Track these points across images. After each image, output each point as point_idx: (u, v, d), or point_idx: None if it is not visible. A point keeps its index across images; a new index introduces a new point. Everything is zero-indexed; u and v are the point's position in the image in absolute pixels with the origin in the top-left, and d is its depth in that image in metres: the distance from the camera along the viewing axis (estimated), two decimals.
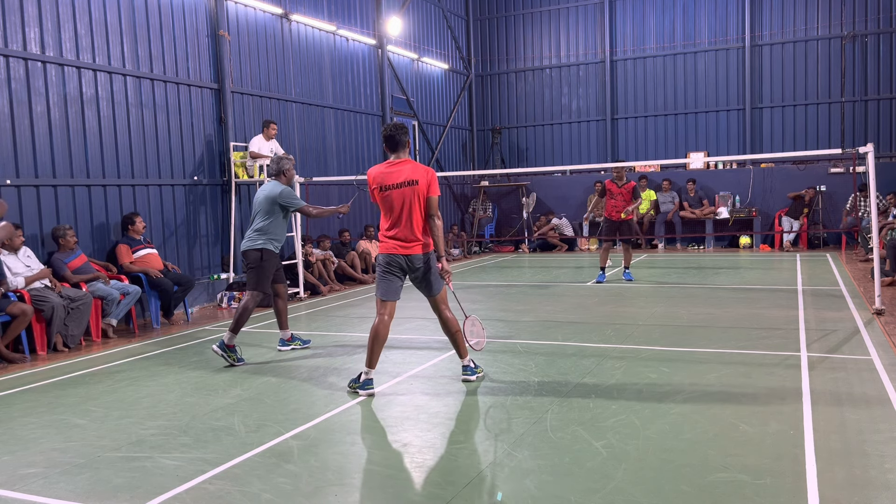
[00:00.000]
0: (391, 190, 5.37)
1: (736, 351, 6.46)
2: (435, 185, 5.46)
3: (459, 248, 16.87)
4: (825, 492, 3.46)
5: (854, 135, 16.44)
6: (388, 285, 5.48)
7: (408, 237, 5.39)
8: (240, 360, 6.68)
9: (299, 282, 11.02)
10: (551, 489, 3.61)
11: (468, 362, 5.77)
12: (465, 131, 19.77)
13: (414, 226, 5.37)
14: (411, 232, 5.38)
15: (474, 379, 5.72)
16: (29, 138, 8.33)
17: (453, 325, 5.65)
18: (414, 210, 5.36)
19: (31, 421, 5.13)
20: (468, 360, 5.77)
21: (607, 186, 11.42)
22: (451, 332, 5.68)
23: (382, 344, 5.48)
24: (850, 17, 16.37)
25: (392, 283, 5.48)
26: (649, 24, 18.15)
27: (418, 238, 5.41)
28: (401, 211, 5.36)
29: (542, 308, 9.23)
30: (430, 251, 5.51)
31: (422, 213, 5.40)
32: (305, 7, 13.01)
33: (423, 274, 5.49)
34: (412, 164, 5.46)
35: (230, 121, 11.07)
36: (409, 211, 5.35)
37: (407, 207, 5.35)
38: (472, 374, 5.74)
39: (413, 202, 5.35)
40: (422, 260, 5.44)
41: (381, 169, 5.46)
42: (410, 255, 5.40)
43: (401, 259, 5.41)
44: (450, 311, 5.66)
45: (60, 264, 8.10)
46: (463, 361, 5.77)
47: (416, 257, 5.42)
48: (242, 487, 3.78)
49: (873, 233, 8.57)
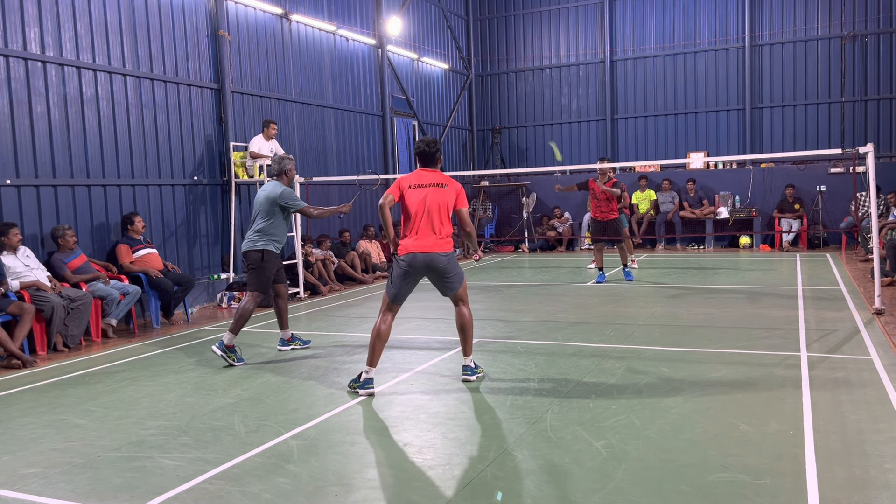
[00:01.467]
0: (417, 189, 5.52)
1: (736, 351, 6.46)
2: (463, 197, 5.65)
3: (459, 248, 16.86)
4: (825, 492, 3.46)
5: (854, 135, 16.44)
6: (401, 288, 5.53)
7: (430, 237, 5.47)
8: (239, 360, 6.68)
9: (299, 282, 11.02)
10: (551, 489, 3.61)
11: (469, 362, 5.78)
12: (465, 131, 19.77)
13: (436, 225, 5.48)
14: (433, 231, 5.47)
15: (474, 379, 5.73)
16: (29, 138, 8.33)
17: (468, 324, 5.70)
18: (440, 210, 5.49)
19: (31, 421, 5.13)
20: (470, 360, 5.79)
21: (590, 185, 11.36)
22: (463, 329, 5.71)
23: (384, 343, 5.51)
24: (850, 17, 16.37)
25: (406, 287, 5.54)
26: (649, 24, 18.15)
27: (440, 238, 5.50)
28: (425, 210, 5.47)
29: (542, 308, 9.23)
30: (451, 250, 5.58)
31: (446, 214, 5.55)
32: (305, 7, 13.01)
33: (446, 272, 5.53)
34: (442, 174, 5.70)
35: (230, 121, 11.07)
36: (434, 210, 5.48)
37: (432, 206, 5.47)
38: (472, 374, 5.75)
39: (439, 203, 5.50)
40: (444, 259, 5.49)
41: (411, 174, 5.69)
42: (432, 254, 5.45)
43: (421, 258, 5.45)
44: (468, 309, 5.74)
45: (60, 264, 8.10)
46: (465, 360, 5.78)
47: (438, 256, 5.47)
48: (242, 487, 3.78)
49: (873, 233, 8.57)
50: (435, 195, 5.51)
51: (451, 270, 5.55)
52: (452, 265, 5.57)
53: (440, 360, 6.52)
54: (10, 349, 6.90)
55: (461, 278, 5.67)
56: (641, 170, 17.40)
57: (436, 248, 5.46)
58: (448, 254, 5.54)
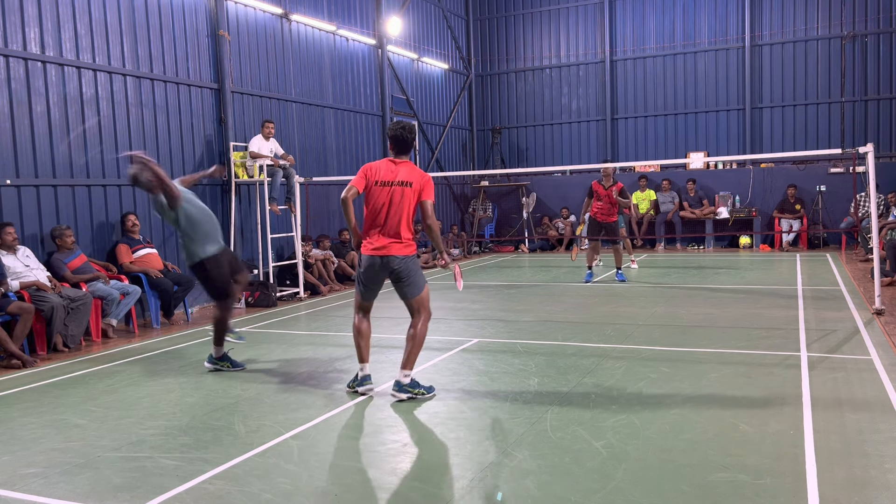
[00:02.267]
0: (383, 186, 5.26)
1: (736, 351, 6.46)
2: (429, 189, 5.33)
3: (459, 248, 16.87)
4: (825, 492, 3.46)
5: (854, 135, 16.44)
6: (366, 287, 5.47)
7: (388, 238, 5.26)
8: (237, 365, 6.45)
9: (299, 282, 11.03)
10: (551, 489, 3.61)
11: (405, 378, 5.28)
12: (465, 131, 19.77)
13: (396, 226, 5.25)
14: (392, 233, 5.26)
15: (405, 398, 5.23)
16: (29, 138, 8.33)
17: (418, 337, 5.34)
18: (401, 210, 5.25)
19: (31, 421, 5.13)
20: (406, 376, 5.28)
21: (593, 188, 11.43)
22: (412, 339, 5.33)
23: (367, 338, 5.53)
24: (850, 17, 16.37)
25: (370, 285, 5.46)
26: (649, 24, 18.15)
27: (398, 239, 5.27)
28: (388, 209, 5.24)
29: (542, 308, 9.23)
30: (410, 254, 5.35)
31: (408, 215, 5.30)
32: (305, 7, 13.01)
33: (401, 276, 5.31)
34: (411, 166, 5.41)
35: (230, 121, 11.07)
36: (395, 211, 5.24)
37: (395, 207, 5.24)
38: (402, 391, 5.24)
39: (401, 203, 5.25)
40: (399, 261, 5.28)
41: (379, 164, 5.37)
42: (388, 256, 5.26)
43: (378, 260, 5.28)
44: (425, 323, 5.39)
45: (60, 264, 8.10)
46: (399, 374, 5.31)
47: (394, 258, 5.26)
48: (242, 487, 3.78)
49: (873, 233, 8.57)
50: (399, 195, 5.23)
51: (407, 275, 5.29)
52: (409, 270, 5.30)
53: (440, 360, 6.52)
54: (10, 349, 6.90)
55: (420, 287, 5.36)
56: (641, 170, 17.40)
57: (393, 250, 5.25)
58: (405, 257, 5.28)
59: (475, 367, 6.21)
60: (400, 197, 5.25)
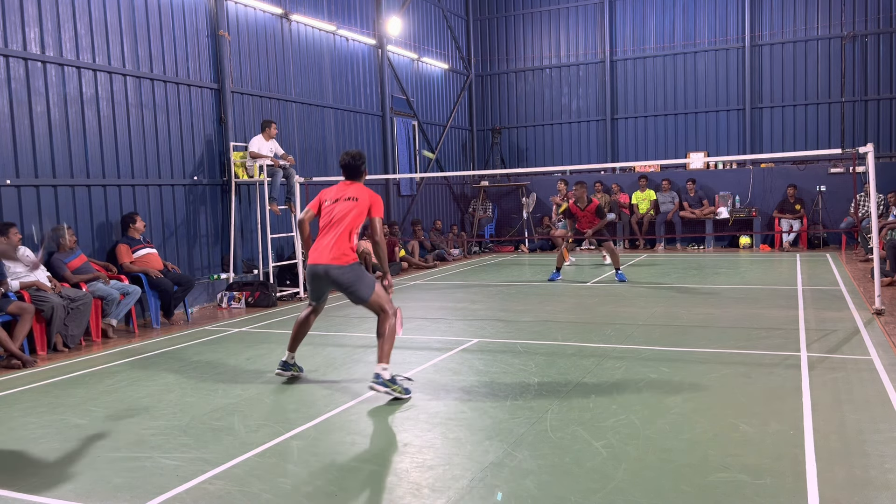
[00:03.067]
0: (332, 203, 5.61)
1: (736, 351, 6.46)
2: (378, 206, 5.61)
3: (459, 248, 16.87)
4: (825, 492, 3.46)
5: (854, 135, 16.44)
6: (313, 292, 5.82)
7: (327, 249, 5.49)
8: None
9: (299, 282, 11.02)
10: (551, 489, 3.61)
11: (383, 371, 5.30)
12: (465, 131, 19.77)
13: (337, 238, 5.49)
14: (332, 244, 5.49)
15: (383, 391, 5.25)
16: (29, 138, 8.33)
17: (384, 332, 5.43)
18: (344, 223, 5.51)
19: (31, 421, 5.13)
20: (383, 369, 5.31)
21: (571, 209, 11.58)
22: (379, 335, 5.45)
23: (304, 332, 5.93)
24: (850, 17, 16.37)
25: (316, 290, 5.77)
26: (649, 24, 18.15)
27: (337, 251, 5.48)
28: (330, 222, 5.55)
29: (542, 308, 9.23)
30: (348, 263, 5.48)
31: (351, 229, 5.52)
32: (305, 7, 13.01)
33: (343, 285, 5.51)
34: (361, 187, 5.71)
35: (230, 121, 11.07)
36: (338, 223, 5.52)
37: (337, 219, 5.53)
38: (381, 384, 5.26)
39: (346, 216, 5.52)
40: (338, 271, 5.46)
41: (333, 187, 5.77)
42: (327, 266, 5.48)
43: (319, 269, 5.53)
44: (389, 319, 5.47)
45: (60, 264, 8.10)
46: (377, 367, 5.34)
47: (332, 268, 5.48)
48: (242, 487, 3.78)
49: (873, 233, 8.57)
50: (343, 208, 5.53)
51: (349, 283, 5.45)
52: (349, 278, 5.45)
53: (440, 360, 6.52)
54: (10, 349, 6.91)
55: (368, 290, 5.48)
56: (641, 170, 17.40)
57: (332, 260, 5.46)
58: (343, 266, 5.45)
59: (475, 367, 6.21)
60: (345, 211, 5.56)
